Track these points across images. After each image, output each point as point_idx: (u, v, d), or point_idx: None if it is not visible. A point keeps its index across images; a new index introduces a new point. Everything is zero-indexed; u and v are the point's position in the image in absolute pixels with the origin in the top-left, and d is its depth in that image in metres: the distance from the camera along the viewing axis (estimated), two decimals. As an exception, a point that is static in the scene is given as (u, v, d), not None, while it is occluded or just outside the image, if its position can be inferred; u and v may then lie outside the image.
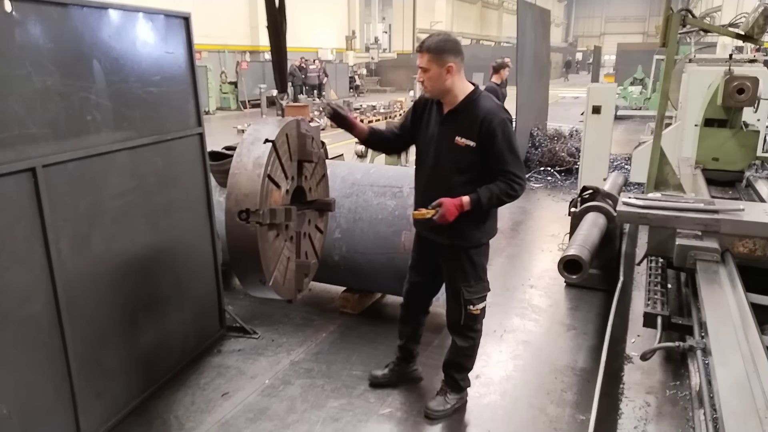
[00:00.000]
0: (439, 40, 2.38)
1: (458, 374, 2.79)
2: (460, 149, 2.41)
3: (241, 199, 2.23)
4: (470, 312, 2.61)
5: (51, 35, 2.22)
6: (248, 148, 2.28)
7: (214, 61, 18.47)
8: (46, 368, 2.29)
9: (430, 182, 2.54)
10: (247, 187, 2.23)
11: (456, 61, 2.38)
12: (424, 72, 2.39)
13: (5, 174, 2.05)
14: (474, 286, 2.59)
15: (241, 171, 2.25)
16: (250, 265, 2.32)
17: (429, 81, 2.40)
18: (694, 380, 2.31)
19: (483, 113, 2.38)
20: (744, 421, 1.41)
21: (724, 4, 15.90)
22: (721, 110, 4.09)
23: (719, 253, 2.42)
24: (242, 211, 2.22)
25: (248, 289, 2.49)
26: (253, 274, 2.34)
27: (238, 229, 2.24)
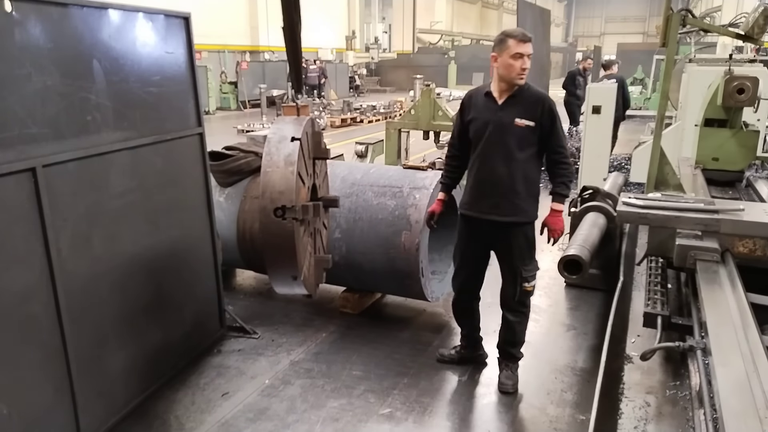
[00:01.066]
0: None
1: (514, 348, 2.97)
2: (520, 130, 2.68)
3: (276, 196, 2.27)
4: (525, 289, 2.82)
5: (51, 35, 2.22)
6: (276, 147, 2.31)
7: (214, 61, 18.47)
8: (46, 368, 2.29)
9: (489, 164, 2.74)
10: (282, 184, 2.28)
11: None
12: (529, 58, 2.64)
13: (5, 174, 2.05)
14: (529, 264, 2.82)
15: (273, 169, 2.29)
16: (285, 261, 2.37)
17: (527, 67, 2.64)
18: (694, 380, 2.31)
19: (540, 97, 2.71)
20: (744, 421, 1.42)
21: (724, 4, 15.91)
22: (721, 110, 4.10)
23: (719, 253, 2.42)
24: (278, 208, 2.26)
25: (279, 286, 2.52)
26: (286, 271, 2.39)
27: (275, 226, 2.27)
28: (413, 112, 5.88)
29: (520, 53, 2.60)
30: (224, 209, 3.92)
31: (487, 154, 2.74)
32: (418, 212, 3.40)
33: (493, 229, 2.79)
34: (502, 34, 2.67)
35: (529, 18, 8.27)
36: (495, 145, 2.71)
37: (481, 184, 2.77)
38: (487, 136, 2.73)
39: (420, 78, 15.79)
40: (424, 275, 3.45)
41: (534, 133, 2.69)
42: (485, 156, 2.75)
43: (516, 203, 2.73)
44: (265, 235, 2.30)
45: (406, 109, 9.67)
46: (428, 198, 3.44)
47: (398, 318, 3.85)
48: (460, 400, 2.93)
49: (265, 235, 2.30)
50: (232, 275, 4.48)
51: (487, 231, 2.82)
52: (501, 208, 2.73)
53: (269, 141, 2.32)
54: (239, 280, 4.46)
